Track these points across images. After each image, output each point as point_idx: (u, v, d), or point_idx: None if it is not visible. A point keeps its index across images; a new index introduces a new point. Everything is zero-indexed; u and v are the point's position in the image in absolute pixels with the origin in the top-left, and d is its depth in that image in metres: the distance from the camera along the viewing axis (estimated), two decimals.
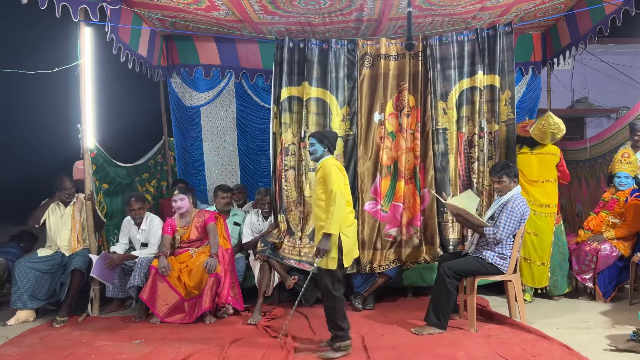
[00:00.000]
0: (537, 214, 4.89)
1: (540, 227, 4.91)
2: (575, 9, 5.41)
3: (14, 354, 3.75)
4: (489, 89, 5.04)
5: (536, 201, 4.89)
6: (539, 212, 4.90)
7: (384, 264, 4.91)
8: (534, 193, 4.91)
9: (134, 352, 3.74)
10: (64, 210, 4.93)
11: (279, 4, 5.13)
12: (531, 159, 4.98)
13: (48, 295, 4.77)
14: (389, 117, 5.09)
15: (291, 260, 4.80)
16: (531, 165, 4.97)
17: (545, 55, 6.53)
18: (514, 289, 4.24)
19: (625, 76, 8.43)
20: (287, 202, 5.00)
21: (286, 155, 5.03)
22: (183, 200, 4.82)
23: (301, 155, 5.03)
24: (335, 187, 3.59)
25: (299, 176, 5.03)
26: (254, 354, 3.63)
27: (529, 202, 4.54)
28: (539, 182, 4.95)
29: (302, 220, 4.98)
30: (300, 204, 5.00)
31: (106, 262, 4.75)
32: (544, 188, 4.94)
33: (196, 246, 4.84)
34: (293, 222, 4.99)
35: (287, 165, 5.03)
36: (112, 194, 5.55)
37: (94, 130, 4.88)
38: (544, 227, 4.91)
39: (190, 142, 6.79)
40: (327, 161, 3.75)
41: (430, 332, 3.98)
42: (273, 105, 5.11)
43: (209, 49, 6.53)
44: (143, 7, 5.18)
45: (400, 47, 5.11)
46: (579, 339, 3.84)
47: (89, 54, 4.81)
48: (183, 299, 4.56)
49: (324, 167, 3.71)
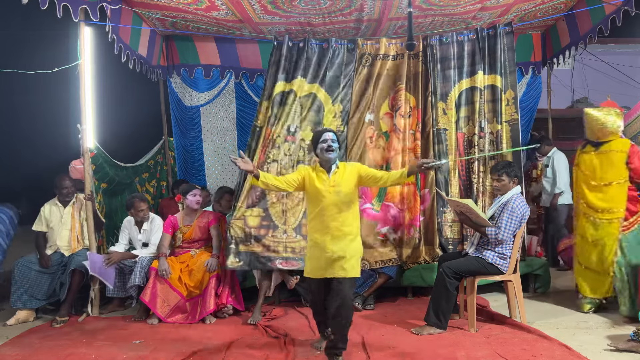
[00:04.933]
0: (594, 220, 4.44)
1: (598, 235, 4.42)
2: (575, 9, 5.41)
3: (14, 354, 3.75)
4: (489, 89, 5.03)
5: (593, 206, 4.44)
6: (596, 217, 4.43)
7: (379, 260, 4.88)
8: (590, 198, 4.46)
9: (134, 352, 3.74)
10: (63, 210, 4.93)
11: (279, 4, 5.13)
12: (593, 159, 4.49)
13: (48, 295, 4.77)
14: (384, 116, 5.10)
15: (277, 261, 4.66)
16: (593, 166, 4.48)
17: (545, 55, 6.54)
18: (514, 289, 4.24)
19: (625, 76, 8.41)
20: (268, 194, 4.83)
21: (272, 148, 4.92)
22: (199, 196, 4.86)
23: (288, 149, 4.93)
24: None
25: (282, 169, 4.91)
26: (254, 354, 3.63)
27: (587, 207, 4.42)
28: (600, 185, 4.43)
29: (285, 214, 4.84)
30: (283, 197, 4.84)
31: (104, 260, 4.75)
32: (605, 192, 4.41)
33: (197, 246, 4.84)
34: (275, 215, 4.84)
35: (270, 158, 4.91)
36: (111, 193, 5.55)
37: (94, 130, 4.88)
38: (604, 235, 4.39)
39: (190, 142, 6.79)
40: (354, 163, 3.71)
41: (430, 332, 3.98)
42: (263, 101, 5.03)
43: (209, 49, 6.53)
44: (143, 7, 5.18)
45: (400, 47, 5.12)
46: (579, 339, 3.84)
47: (89, 54, 4.81)
48: (185, 298, 4.56)
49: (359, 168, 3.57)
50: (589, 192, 4.48)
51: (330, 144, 3.45)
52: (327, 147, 3.45)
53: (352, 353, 3.60)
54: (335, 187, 3.42)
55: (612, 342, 3.68)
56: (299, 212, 4.83)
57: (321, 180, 3.45)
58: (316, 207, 3.44)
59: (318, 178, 3.46)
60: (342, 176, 3.47)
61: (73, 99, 4.82)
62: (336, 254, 3.36)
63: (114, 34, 4.78)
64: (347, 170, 3.50)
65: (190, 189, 4.86)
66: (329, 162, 3.48)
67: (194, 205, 4.82)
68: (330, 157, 3.46)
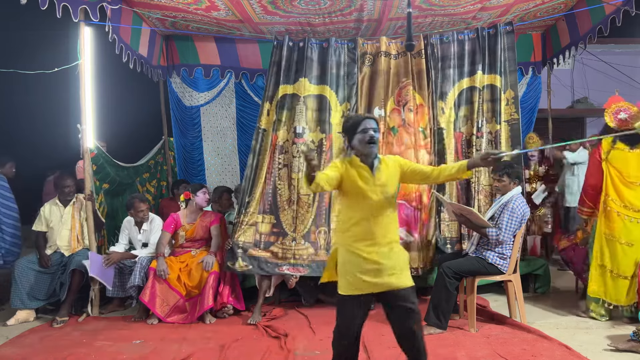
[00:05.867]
0: (634, 220, 4.23)
1: (634, 236, 4.24)
2: (575, 9, 5.41)
3: (14, 354, 3.75)
4: (489, 89, 5.02)
5: (632, 206, 4.24)
6: (632, 217, 4.24)
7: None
8: (628, 197, 4.25)
9: (134, 352, 3.74)
10: (63, 210, 4.93)
11: (279, 4, 5.13)
12: (629, 157, 4.29)
13: (48, 295, 4.77)
14: (390, 112, 5.07)
15: (284, 267, 4.68)
16: (629, 164, 4.28)
17: (545, 55, 6.54)
18: (514, 289, 4.24)
19: (625, 76, 8.42)
20: (280, 201, 4.89)
21: (280, 153, 4.96)
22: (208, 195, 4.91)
23: (297, 152, 4.93)
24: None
25: (292, 173, 4.93)
26: (254, 354, 3.63)
27: (622, 206, 4.22)
28: (635, 183, 4.26)
29: (295, 220, 4.84)
30: (293, 203, 4.86)
31: (104, 260, 4.75)
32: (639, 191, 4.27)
33: (198, 246, 4.83)
34: (286, 223, 4.84)
35: (281, 163, 4.95)
36: (112, 194, 5.55)
37: (94, 130, 4.88)
38: (638, 236, 4.25)
39: (190, 142, 6.79)
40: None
41: (430, 332, 3.97)
42: (265, 102, 5.04)
43: (209, 49, 6.53)
44: (143, 7, 5.18)
45: (401, 46, 5.12)
46: (579, 339, 3.84)
47: (89, 54, 4.81)
48: (184, 298, 4.57)
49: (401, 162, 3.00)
50: (627, 190, 4.26)
51: (372, 134, 2.82)
52: (369, 138, 2.82)
53: None
54: (381, 187, 2.84)
55: (612, 342, 3.68)
56: (308, 219, 4.84)
57: (364, 179, 2.83)
58: (358, 211, 2.83)
59: (360, 176, 2.84)
60: (386, 172, 2.89)
61: (73, 99, 4.82)
62: (384, 266, 2.78)
63: (114, 34, 4.79)
64: (390, 165, 2.93)
65: (200, 187, 4.91)
66: (371, 156, 2.87)
67: (203, 203, 4.86)
68: (374, 150, 2.85)
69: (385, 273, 2.77)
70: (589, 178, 4.55)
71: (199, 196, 4.83)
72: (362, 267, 2.78)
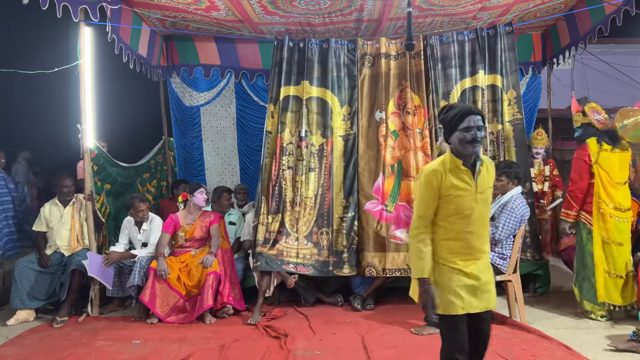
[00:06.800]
0: (622, 220, 4.29)
1: (623, 236, 4.30)
2: (575, 9, 5.41)
3: (14, 354, 3.75)
4: (490, 89, 5.04)
5: (621, 206, 4.29)
6: (621, 217, 4.30)
7: (389, 269, 4.77)
8: (617, 197, 4.30)
9: (134, 352, 3.74)
10: (63, 210, 4.93)
11: (279, 4, 5.13)
12: (612, 158, 4.33)
13: (48, 295, 4.77)
14: (390, 115, 5.07)
15: (289, 265, 4.75)
16: (613, 165, 4.33)
17: (545, 55, 6.54)
18: (514, 289, 4.23)
19: (625, 76, 8.42)
20: (284, 202, 4.97)
21: (284, 155, 5.02)
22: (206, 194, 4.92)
23: (301, 155, 5.01)
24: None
25: (296, 176, 5.01)
26: (254, 354, 3.63)
27: (613, 208, 4.24)
28: (621, 183, 4.34)
29: (297, 222, 4.94)
30: (296, 204, 4.96)
31: (103, 260, 4.75)
32: (625, 190, 4.37)
33: (198, 246, 4.83)
34: (289, 223, 4.94)
35: (285, 165, 5.02)
36: (114, 194, 5.55)
37: (94, 130, 4.88)
38: (627, 235, 4.32)
39: (190, 142, 6.79)
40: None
41: (430, 332, 3.97)
42: (270, 104, 5.11)
43: (209, 49, 6.53)
44: (143, 7, 5.18)
45: (400, 46, 5.12)
46: (579, 339, 3.84)
47: (89, 54, 4.81)
48: (184, 298, 4.57)
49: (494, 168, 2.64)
50: (616, 192, 4.31)
51: (475, 133, 2.42)
52: (470, 138, 2.42)
53: (352, 353, 3.61)
54: (482, 194, 2.50)
55: (612, 342, 3.69)
56: (311, 221, 4.93)
57: (464, 186, 2.45)
58: (457, 222, 2.48)
59: (460, 180, 2.46)
60: (486, 177, 2.53)
61: (73, 99, 4.82)
62: (481, 281, 2.51)
63: (114, 34, 4.78)
64: (490, 170, 2.58)
65: (197, 187, 4.91)
66: (472, 158, 2.48)
67: (201, 203, 4.86)
68: (476, 151, 2.46)
69: (482, 289, 2.52)
70: (578, 181, 4.42)
71: (197, 196, 4.84)
72: (462, 285, 2.48)
